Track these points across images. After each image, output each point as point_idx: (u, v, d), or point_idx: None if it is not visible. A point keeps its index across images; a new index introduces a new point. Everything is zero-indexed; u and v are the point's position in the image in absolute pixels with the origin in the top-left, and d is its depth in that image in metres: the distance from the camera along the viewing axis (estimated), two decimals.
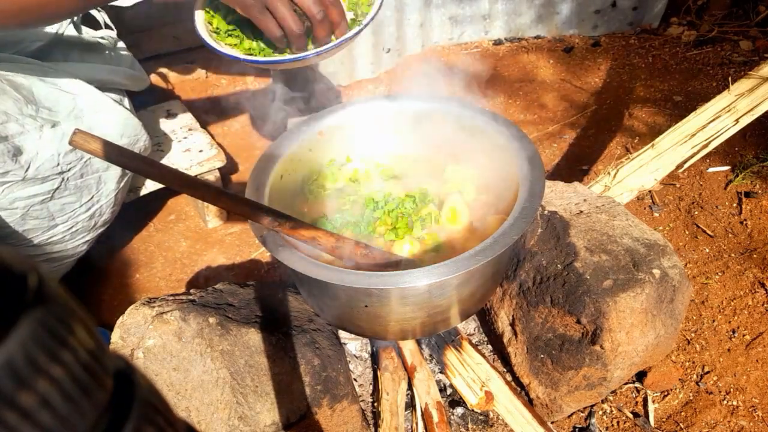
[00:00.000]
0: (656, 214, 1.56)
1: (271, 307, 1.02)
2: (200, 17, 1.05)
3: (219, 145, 1.60)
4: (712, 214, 1.52)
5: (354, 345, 1.18)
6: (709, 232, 1.47)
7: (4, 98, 1.00)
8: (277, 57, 0.96)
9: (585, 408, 1.12)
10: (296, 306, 1.05)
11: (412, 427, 1.06)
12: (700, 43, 2.28)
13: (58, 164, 1.07)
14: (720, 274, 1.36)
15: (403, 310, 0.86)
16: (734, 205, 1.53)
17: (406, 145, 1.18)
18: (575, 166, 1.77)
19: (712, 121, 1.31)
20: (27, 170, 1.02)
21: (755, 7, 2.33)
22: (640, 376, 1.15)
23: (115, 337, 0.90)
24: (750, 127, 1.50)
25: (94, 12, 1.37)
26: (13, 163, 0.99)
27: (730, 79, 1.67)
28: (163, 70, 2.06)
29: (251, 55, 1.00)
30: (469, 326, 1.23)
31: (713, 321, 1.26)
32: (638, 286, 0.94)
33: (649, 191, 1.59)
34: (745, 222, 1.48)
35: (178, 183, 0.75)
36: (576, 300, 0.96)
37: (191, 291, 1.01)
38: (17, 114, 1.01)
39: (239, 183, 1.80)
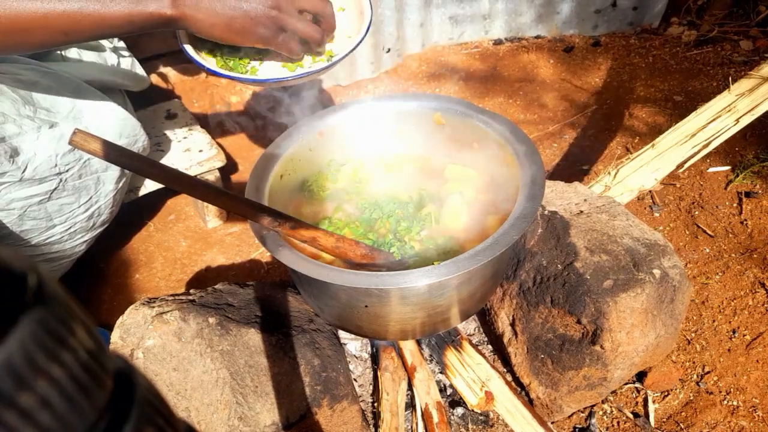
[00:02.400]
0: (656, 214, 1.56)
1: (271, 307, 1.02)
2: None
3: (219, 145, 1.60)
4: (713, 214, 1.52)
5: (354, 345, 1.18)
6: (710, 232, 1.47)
7: (1, 99, 1.00)
8: (282, 75, 0.98)
9: (585, 408, 1.12)
10: (296, 306, 1.05)
11: (412, 427, 1.06)
12: (701, 43, 2.28)
13: (56, 165, 1.07)
14: (720, 274, 1.36)
15: (403, 310, 0.86)
16: (734, 205, 1.53)
17: (406, 145, 1.18)
18: (575, 166, 1.77)
19: (712, 121, 1.31)
20: (24, 171, 1.02)
21: (755, 7, 2.33)
22: (641, 376, 1.15)
23: (115, 337, 0.90)
24: (750, 127, 1.50)
25: None
26: (9, 164, 0.99)
27: (730, 78, 1.67)
28: (163, 70, 2.06)
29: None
30: (469, 326, 1.23)
31: (713, 321, 1.26)
32: (638, 286, 0.94)
33: (650, 191, 1.59)
34: (745, 222, 1.48)
35: (178, 183, 0.75)
36: (576, 300, 0.96)
37: (191, 291, 1.01)
38: (15, 114, 1.01)
39: (239, 183, 1.80)
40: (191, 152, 1.54)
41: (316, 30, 0.90)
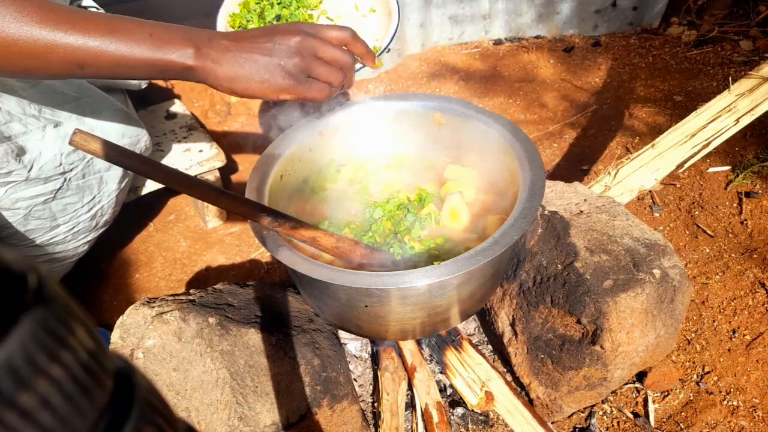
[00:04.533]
0: (656, 214, 1.56)
1: (271, 307, 1.02)
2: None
3: (219, 145, 1.60)
4: (713, 214, 1.52)
5: (354, 345, 1.18)
6: (710, 232, 1.47)
7: (7, 98, 1.00)
8: None
9: (585, 408, 1.12)
10: (296, 306, 1.05)
11: (412, 427, 1.06)
12: (701, 43, 2.28)
13: (61, 164, 1.07)
14: (720, 274, 1.36)
15: (403, 310, 0.86)
16: (734, 205, 1.53)
17: (406, 145, 1.18)
18: (575, 166, 1.77)
19: (712, 121, 1.31)
20: (30, 170, 1.02)
21: (755, 7, 2.33)
22: (641, 376, 1.15)
23: (115, 337, 0.90)
24: (750, 127, 1.50)
25: (93, 10, 1.37)
26: (16, 162, 0.99)
27: (730, 78, 1.67)
28: None
29: None
30: (470, 326, 1.23)
31: (713, 321, 1.26)
32: (638, 286, 0.94)
33: (650, 191, 1.59)
34: (745, 222, 1.48)
35: (178, 183, 0.75)
36: (576, 300, 0.96)
37: (191, 291, 1.01)
38: (20, 114, 1.01)
39: (239, 183, 1.80)
40: (191, 152, 1.54)
41: (339, 75, 0.84)
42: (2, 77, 1.02)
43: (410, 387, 1.10)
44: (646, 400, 1.13)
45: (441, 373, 1.13)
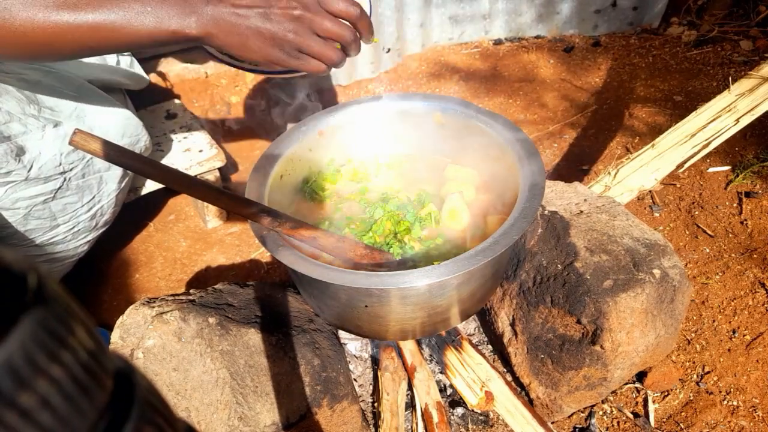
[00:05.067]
0: (656, 214, 1.56)
1: (271, 307, 1.02)
2: None
3: (219, 145, 1.60)
4: (713, 214, 1.52)
5: (354, 345, 1.18)
6: (710, 232, 1.47)
7: (7, 98, 1.00)
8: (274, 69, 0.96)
9: (585, 408, 1.12)
10: (296, 306, 1.05)
11: (412, 427, 1.06)
12: (701, 43, 2.28)
13: (60, 164, 1.07)
14: (720, 274, 1.36)
15: (403, 310, 0.86)
16: (734, 205, 1.53)
17: (406, 145, 1.18)
18: (575, 166, 1.77)
19: (712, 121, 1.31)
20: (30, 170, 1.02)
21: (755, 7, 2.33)
22: (641, 376, 1.15)
23: (115, 337, 0.90)
24: (750, 127, 1.50)
25: None
26: (16, 162, 0.99)
27: (730, 78, 1.67)
28: (163, 69, 2.06)
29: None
30: (470, 326, 1.23)
31: (713, 321, 1.26)
32: (638, 286, 0.94)
33: (650, 191, 1.59)
34: (745, 222, 1.48)
35: (178, 183, 0.75)
36: (576, 300, 0.96)
37: (191, 291, 1.01)
38: (20, 114, 1.01)
39: (239, 183, 1.80)
40: (191, 152, 1.54)
41: (335, 52, 0.79)
42: (2, 77, 1.03)
43: (410, 387, 1.10)
44: (646, 400, 1.13)
45: (441, 373, 1.13)
